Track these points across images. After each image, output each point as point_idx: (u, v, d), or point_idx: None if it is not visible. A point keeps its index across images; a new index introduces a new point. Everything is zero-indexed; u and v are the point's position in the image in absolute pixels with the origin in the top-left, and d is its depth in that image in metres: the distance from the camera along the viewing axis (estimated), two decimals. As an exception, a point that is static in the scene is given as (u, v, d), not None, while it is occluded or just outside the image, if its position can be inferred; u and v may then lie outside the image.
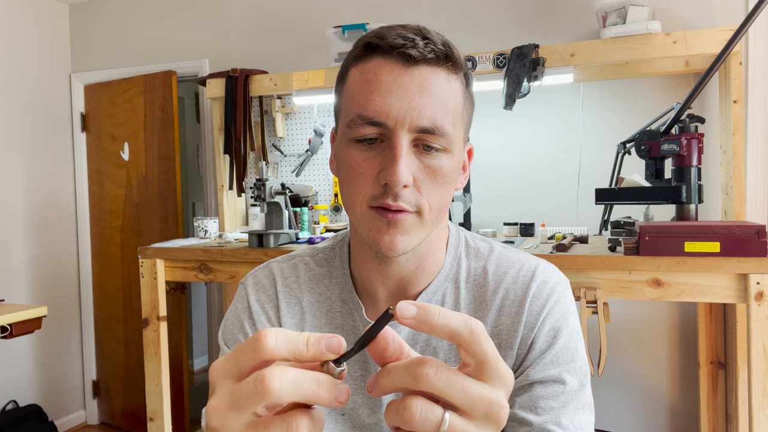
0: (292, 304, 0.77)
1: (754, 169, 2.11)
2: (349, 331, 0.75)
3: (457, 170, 0.67)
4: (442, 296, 0.73)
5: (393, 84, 0.61)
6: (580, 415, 0.67)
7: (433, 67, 0.62)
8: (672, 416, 2.28)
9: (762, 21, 2.06)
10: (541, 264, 0.74)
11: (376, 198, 0.63)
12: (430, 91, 0.62)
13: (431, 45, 0.62)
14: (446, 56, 0.63)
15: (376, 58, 0.63)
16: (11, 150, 3.01)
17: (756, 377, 1.53)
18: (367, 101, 0.62)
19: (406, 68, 0.62)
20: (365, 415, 0.73)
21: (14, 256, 3.02)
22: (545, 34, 2.35)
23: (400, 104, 0.61)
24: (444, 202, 0.66)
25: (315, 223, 2.59)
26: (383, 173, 0.61)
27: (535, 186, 2.42)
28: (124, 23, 3.22)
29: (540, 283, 0.72)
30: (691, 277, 1.57)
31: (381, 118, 0.61)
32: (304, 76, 2.46)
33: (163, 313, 2.17)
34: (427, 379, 0.35)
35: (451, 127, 0.63)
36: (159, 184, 3.06)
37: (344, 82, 0.67)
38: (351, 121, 0.63)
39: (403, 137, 0.61)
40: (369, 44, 0.64)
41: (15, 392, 3.01)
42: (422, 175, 0.63)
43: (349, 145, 0.64)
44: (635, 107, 2.27)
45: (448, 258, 0.75)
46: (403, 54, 0.61)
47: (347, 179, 0.65)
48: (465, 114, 0.67)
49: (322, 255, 0.81)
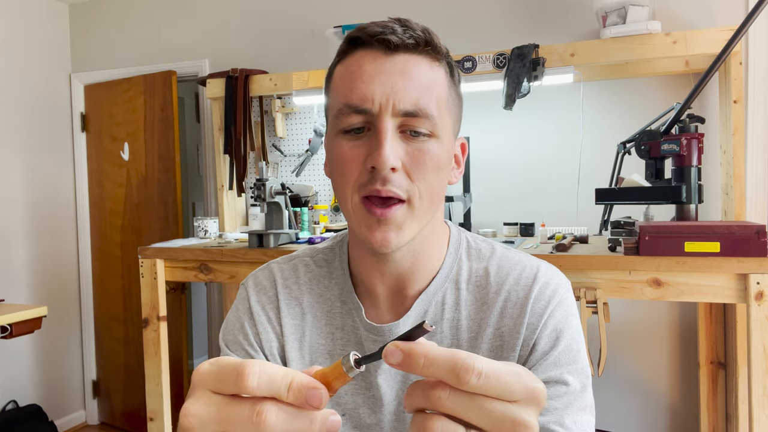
0: (293, 305, 0.77)
1: (754, 169, 2.11)
2: (348, 331, 0.75)
3: (447, 158, 0.67)
4: (442, 297, 0.73)
5: (375, 71, 0.62)
6: (582, 416, 0.67)
7: (413, 54, 0.64)
8: (672, 416, 2.28)
9: (762, 21, 2.06)
10: (543, 266, 0.74)
11: (365, 185, 0.63)
12: (412, 76, 0.62)
13: (410, 31, 0.63)
14: (426, 42, 0.64)
15: (359, 50, 0.65)
16: (11, 150, 3.01)
17: (756, 377, 1.53)
18: (352, 90, 0.63)
19: (388, 55, 0.63)
20: (366, 415, 0.73)
21: (14, 256, 3.02)
22: (545, 34, 2.35)
23: (382, 89, 0.62)
24: (436, 191, 0.66)
25: (315, 223, 2.59)
26: (370, 158, 0.62)
27: (535, 186, 2.42)
28: (124, 23, 3.21)
29: (542, 285, 0.72)
30: (691, 277, 1.57)
31: (366, 105, 0.62)
32: (304, 76, 2.46)
33: (163, 313, 2.17)
34: (440, 402, 0.35)
35: (436, 110, 0.63)
36: (159, 184, 3.06)
37: (331, 80, 0.68)
38: (338, 111, 0.64)
39: (388, 122, 0.62)
40: (351, 39, 0.65)
41: (15, 392, 3.01)
42: (410, 161, 0.63)
43: (337, 137, 0.65)
44: (635, 107, 2.27)
45: (449, 258, 0.75)
46: (383, 41, 0.63)
47: (337, 171, 0.66)
48: (451, 103, 0.67)
49: (321, 255, 0.81)
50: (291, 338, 0.76)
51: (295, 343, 0.75)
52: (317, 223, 2.58)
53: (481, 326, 0.71)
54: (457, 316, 0.72)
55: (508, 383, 0.35)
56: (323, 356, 0.75)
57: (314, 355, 0.75)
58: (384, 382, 0.72)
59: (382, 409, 0.72)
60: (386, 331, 0.71)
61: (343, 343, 0.74)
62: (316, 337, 0.76)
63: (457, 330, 0.72)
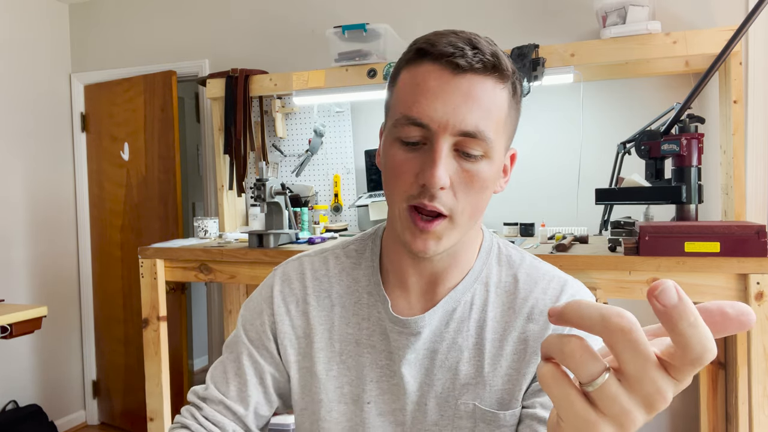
0: (322, 297, 0.80)
1: (754, 169, 2.11)
2: (374, 322, 0.77)
3: (495, 176, 0.69)
4: (471, 297, 0.76)
5: (439, 90, 0.64)
6: None
7: (480, 76, 0.64)
8: (672, 416, 2.28)
9: (762, 21, 2.06)
10: (570, 279, 0.78)
11: (414, 197, 0.66)
12: (474, 99, 0.64)
13: (480, 55, 0.64)
14: (494, 66, 0.65)
15: (426, 63, 0.65)
16: (11, 150, 3.01)
17: (756, 377, 1.53)
18: (414, 103, 0.64)
19: (454, 75, 0.64)
20: (390, 401, 0.75)
21: (14, 256, 3.02)
22: (545, 34, 2.35)
23: (444, 109, 0.63)
24: (478, 207, 0.68)
25: (315, 223, 2.59)
26: (422, 174, 0.64)
27: (535, 186, 2.42)
28: (124, 23, 3.21)
29: (569, 296, 0.74)
30: (691, 277, 1.57)
31: (425, 121, 0.63)
32: (304, 76, 2.46)
33: (163, 313, 2.17)
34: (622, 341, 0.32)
35: (493, 133, 0.65)
36: (159, 184, 3.06)
37: (395, 83, 0.70)
38: (397, 120, 0.66)
39: (444, 141, 0.64)
40: (420, 49, 0.66)
41: (15, 392, 3.01)
42: (459, 180, 0.65)
43: (394, 144, 0.67)
44: (635, 107, 2.27)
45: (479, 261, 0.77)
46: (452, 62, 0.63)
47: (390, 176, 0.68)
48: (509, 122, 0.69)
49: (353, 246, 0.84)
50: (320, 328, 0.79)
51: (325, 333, 0.79)
52: (317, 223, 2.58)
53: (506, 329, 0.74)
54: (483, 316, 0.75)
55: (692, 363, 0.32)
56: (351, 345, 0.78)
57: (343, 344, 0.78)
58: (408, 372, 0.74)
59: (405, 398, 0.74)
60: (411, 323, 0.74)
61: (369, 333, 0.77)
62: (344, 327, 0.78)
63: (482, 329, 0.74)
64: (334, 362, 0.78)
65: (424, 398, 0.74)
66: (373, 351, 0.77)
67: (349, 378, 0.77)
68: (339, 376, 0.77)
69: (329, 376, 0.78)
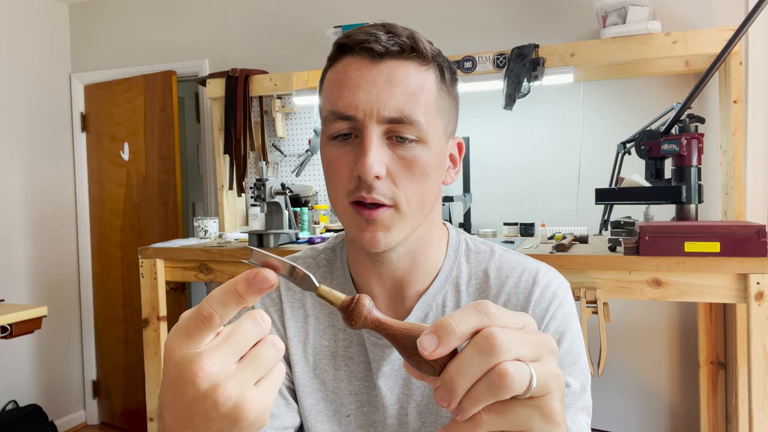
0: (296, 308, 0.78)
1: (754, 169, 2.11)
2: (350, 332, 0.75)
3: (437, 163, 0.67)
4: (442, 300, 0.74)
5: (360, 79, 0.63)
6: (580, 416, 0.68)
7: (399, 60, 0.64)
8: (672, 416, 2.28)
9: (762, 21, 2.06)
10: (542, 268, 0.75)
11: (353, 192, 0.64)
12: (397, 83, 0.63)
13: (395, 38, 0.63)
14: (412, 48, 0.64)
15: (347, 57, 0.65)
16: (11, 150, 3.01)
17: (756, 377, 1.53)
18: (338, 97, 0.64)
19: (373, 63, 0.63)
20: (370, 413, 0.74)
21: (14, 256, 3.02)
22: (545, 34, 2.35)
23: (367, 97, 0.62)
24: (424, 195, 0.66)
25: (315, 223, 2.59)
26: (355, 166, 0.63)
27: (535, 186, 2.42)
28: (124, 23, 3.21)
29: (543, 287, 0.72)
30: (691, 277, 1.57)
31: (350, 112, 0.63)
32: (304, 76, 2.46)
33: (163, 313, 2.17)
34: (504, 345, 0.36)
35: (423, 116, 0.63)
36: (159, 184, 3.06)
37: (322, 86, 0.69)
38: (325, 118, 0.66)
39: (373, 129, 0.62)
40: (339, 45, 0.66)
41: (15, 392, 3.01)
42: (397, 167, 0.64)
43: (327, 143, 0.67)
44: (635, 107, 2.27)
45: (448, 260, 0.75)
46: (368, 49, 0.63)
47: (328, 176, 0.68)
48: (442, 105, 0.67)
49: (323, 256, 0.81)
50: (295, 340, 0.76)
51: (299, 345, 0.76)
52: (317, 223, 2.58)
53: None
54: None
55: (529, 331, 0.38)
56: (327, 358, 0.75)
57: (318, 356, 0.76)
58: (384, 385, 0.72)
59: (385, 411, 0.73)
60: None
61: (346, 344, 0.75)
62: (319, 339, 0.76)
63: None
64: (308, 377, 0.76)
65: (404, 409, 0.72)
66: (351, 363, 0.74)
67: (324, 393, 0.75)
68: (313, 392, 0.75)
69: (304, 393, 0.75)
